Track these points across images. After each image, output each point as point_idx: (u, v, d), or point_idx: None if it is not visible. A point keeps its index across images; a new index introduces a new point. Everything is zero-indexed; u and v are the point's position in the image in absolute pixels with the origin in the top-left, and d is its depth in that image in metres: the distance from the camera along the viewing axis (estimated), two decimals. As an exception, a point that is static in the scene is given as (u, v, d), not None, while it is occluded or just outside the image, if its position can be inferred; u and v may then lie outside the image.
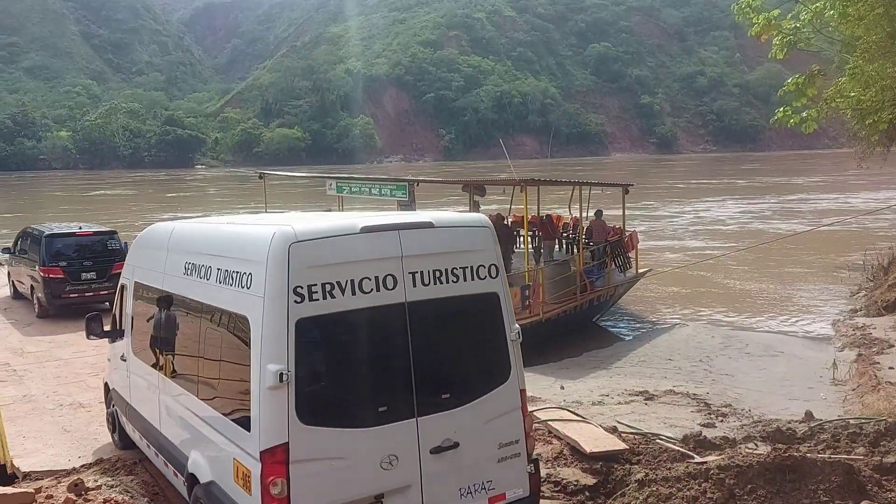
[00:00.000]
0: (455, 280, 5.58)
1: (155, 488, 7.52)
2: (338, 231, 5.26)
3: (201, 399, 5.98)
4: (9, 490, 5.95)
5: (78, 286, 16.16)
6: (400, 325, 5.31)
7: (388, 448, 5.20)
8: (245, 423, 5.13)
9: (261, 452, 4.89)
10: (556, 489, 7.53)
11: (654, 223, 38.57)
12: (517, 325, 5.94)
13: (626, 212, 20.75)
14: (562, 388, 12.02)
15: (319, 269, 5.04)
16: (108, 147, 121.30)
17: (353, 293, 5.13)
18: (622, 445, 8.23)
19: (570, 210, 21.64)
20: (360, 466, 5.11)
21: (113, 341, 8.60)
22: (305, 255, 5.00)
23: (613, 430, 8.81)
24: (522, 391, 5.92)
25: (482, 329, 5.88)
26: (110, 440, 9.08)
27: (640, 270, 20.02)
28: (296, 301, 4.93)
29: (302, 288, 4.95)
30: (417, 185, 19.56)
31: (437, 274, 5.49)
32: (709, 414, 10.38)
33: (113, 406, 8.91)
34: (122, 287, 8.35)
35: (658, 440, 8.64)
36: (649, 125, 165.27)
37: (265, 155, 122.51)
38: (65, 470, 8.21)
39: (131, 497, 7.23)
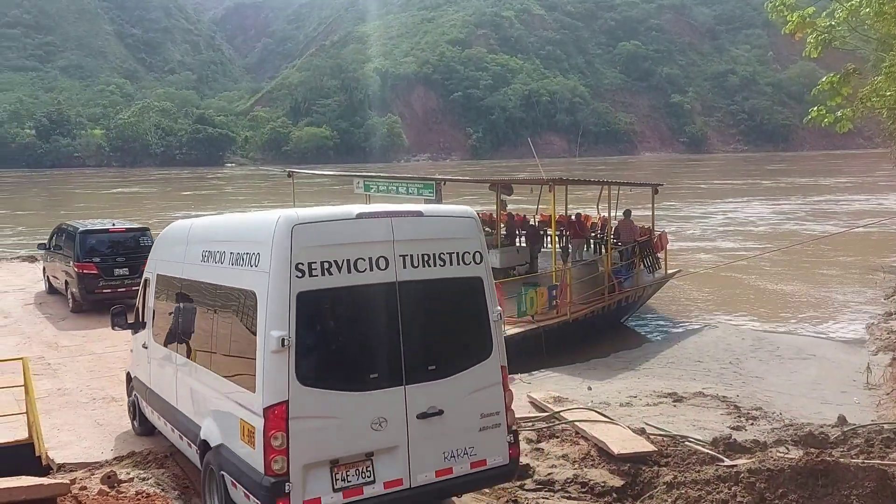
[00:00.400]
0: (442, 264, 6.16)
1: (185, 481, 7.62)
2: (336, 216, 5.92)
3: (213, 371, 6.58)
4: (45, 481, 6.07)
5: (111, 282, 16.38)
6: (391, 302, 5.90)
7: (378, 411, 5.75)
8: (251, 385, 5.70)
9: (264, 409, 5.46)
10: (583, 490, 7.50)
11: (684, 224, 38.18)
12: (499, 308, 6.52)
13: (655, 212, 20.56)
14: (589, 388, 11.96)
15: (319, 249, 5.66)
16: (140, 145, 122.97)
17: (349, 271, 5.74)
18: (650, 447, 8.17)
19: (598, 210, 21.52)
20: (352, 426, 5.68)
21: (136, 332, 9.11)
22: (306, 236, 5.62)
23: (641, 432, 8.75)
24: (503, 367, 6.43)
25: (466, 309, 6.43)
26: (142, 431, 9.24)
27: (669, 271, 19.84)
28: (297, 276, 5.55)
29: (303, 265, 5.57)
30: (444, 183, 19.58)
31: (426, 258, 6.07)
32: (739, 417, 10.27)
33: (134, 394, 9.36)
34: (146, 281, 8.86)
35: (687, 442, 8.57)
36: (679, 124, 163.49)
37: (294, 153, 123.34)
38: (98, 462, 8.36)
39: (162, 490, 7.33)
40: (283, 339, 5.45)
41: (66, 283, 17.13)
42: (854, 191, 56.30)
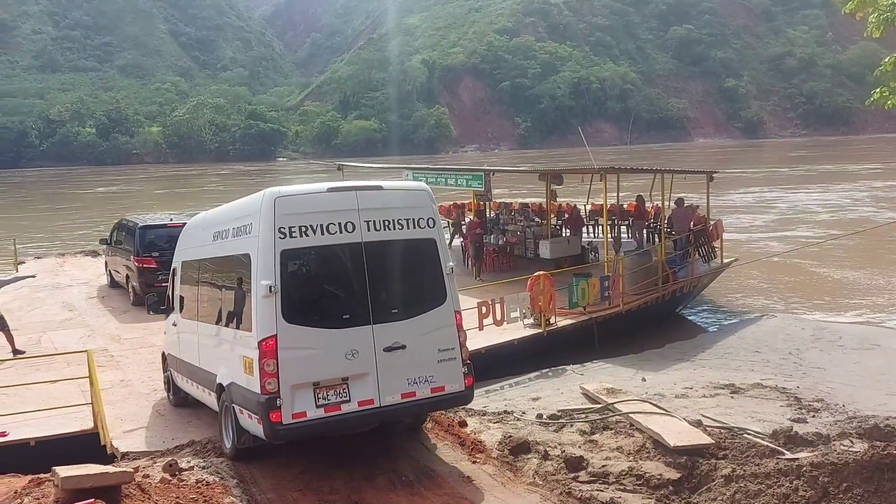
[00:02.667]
0: (400, 228, 7.47)
1: (242, 470, 7.78)
2: (311, 191, 7.49)
3: (223, 326, 8.06)
4: (110, 469, 6.28)
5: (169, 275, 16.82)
6: (358, 258, 7.26)
7: (350, 345, 7.08)
8: (249, 326, 7.16)
9: (258, 342, 6.90)
10: (639, 483, 7.41)
11: (740, 211, 37.29)
12: (452, 263, 7.76)
13: (710, 200, 20.12)
14: (643, 380, 11.79)
15: (297, 216, 7.10)
16: (195, 141, 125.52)
17: (322, 234, 7.15)
18: (707, 440, 8.01)
19: (650, 198, 21.16)
20: (329, 356, 7.02)
21: (167, 316, 10.53)
22: (286, 206, 7.10)
23: (698, 424, 8.59)
24: (457, 312, 7.70)
25: (422, 264, 7.69)
26: (201, 423, 9.49)
27: (725, 260, 19.40)
28: (280, 237, 7.01)
29: (284, 228, 7.03)
30: (493, 174, 19.50)
31: (386, 223, 7.41)
32: (799, 409, 10.00)
33: (168, 370, 10.54)
34: (174, 270, 10.29)
35: (745, 435, 8.38)
36: (734, 109, 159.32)
37: (343, 147, 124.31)
38: (159, 451, 8.59)
39: (221, 478, 7.50)
40: (270, 287, 6.90)
41: (127, 276, 17.61)
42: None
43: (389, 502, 7.00)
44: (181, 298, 9.82)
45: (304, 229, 7.07)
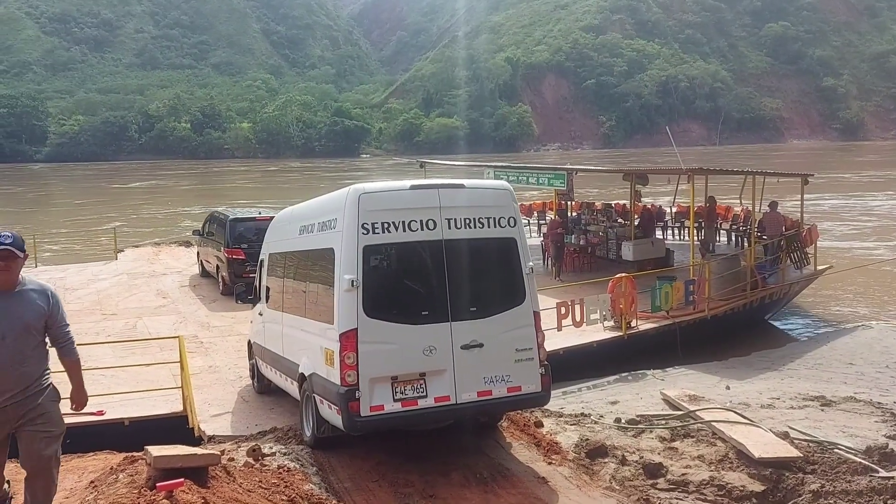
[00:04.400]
0: (481, 226, 7.47)
1: (321, 459, 7.96)
2: (394, 188, 7.51)
3: (307, 318, 8.17)
4: (199, 450, 6.52)
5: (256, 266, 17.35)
6: (438, 256, 7.28)
7: (429, 341, 7.12)
8: (331, 319, 7.27)
9: (339, 335, 7.04)
10: (720, 493, 7.19)
11: (836, 217, 35.64)
12: (531, 263, 7.68)
13: (805, 204, 19.31)
14: (727, 388, 11.43)
15: (380, 213, 7.18)
16: (283, 137, 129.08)
17: (404, 230, 7.21)
18: (795, 452, 7.70)
19: (741, 201, 20.48)
20: (408, 351, 7.09)
21: (254, 305, 10.84)
22: (370, 203, 7.18)
23: (785, 436, 8.27)
24: (536, 313, 7.63)
25: (502, 263, 7.67)
26: (284, 410, 9.78)
27: (819, 267, 18.59)
28: (363, 233, 7.10)
29: (367, 225, 7.12)
30: (576, 173, 19.28)
31: (467, 221, 7.41)
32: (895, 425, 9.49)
33: (253, 358, 10.86)
34: (261, 262, 10.58)
35: (836, 450, 8.01)
36: (832, 110, 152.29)
37: (425, 144, 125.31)
38: (243, 436, 8.89)
39: (301, 465, 7.69)
40: (352, 281, 7.02)
41: (217, 267, 18.28)
42: None
43: (463, 498, 7.02)
44: (267, 289, 10.09)
45: (386, 226, 7.16)
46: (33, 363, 5.08)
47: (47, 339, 5.25)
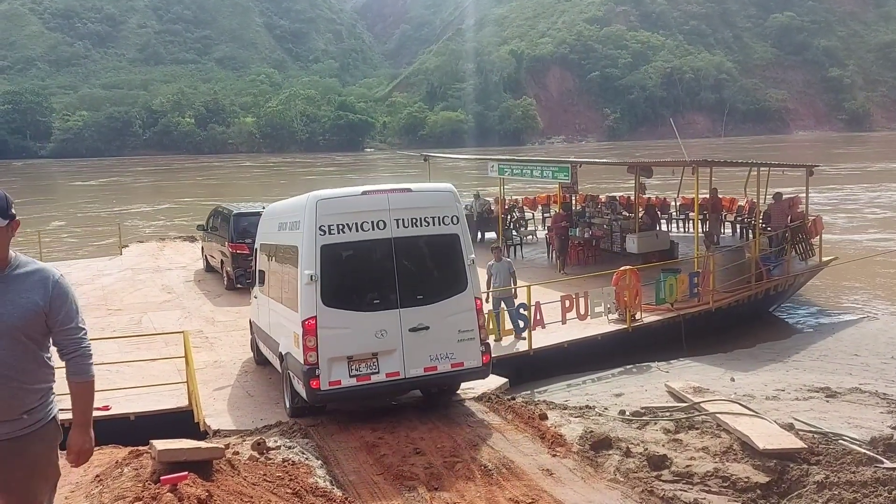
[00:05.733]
0: (427, 225, 8.49)
1: (326, 452, 7.99)
2: (348, 194, 8.55)
3: (283, 304, 9.22)
4: (204, 444, 6.56)
5: None
6: (388, 251, 8.38)
7: (380, 325, 8.25)
8: (296, 307, 8.38)
9: (302, 322, 8.18)
10: (725, 485, 7.19)
11: (842, 208, 35.51)
12: (473, 255, 8.70)
13: (810, 195, 19.22)
14: (732, 380, 11.42)
15: (335, 216, 8.26)
16: (287, 132, 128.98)
17: (357, 230, 8.29)
18: (799, 444, 7.69)
19: (745, 193, 20.40)
20: (361, 334, 8.21)
21: (251, 288, 11.93)
22: (326, 208, 8.29)
23: (790, 428, 8.26)
24: (477, 298, 8.70)
25: (445, 256, 8.71)
26: (289, 405, 9.80)
27: (824, 258, 18.53)
28: (321, 234, 8.20)
29: (324, 227, 8.22)
30: (580, 166, 19.23)
31: (414, 220, 8.43)
32: (901, 416, 9.46)
33: (252, 334, 11.92)
34: (255, 251, 11.67)
35: (841, 441, 8.00)
36: (837, 100, 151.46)
37: (429, 138, 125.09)
38: (248, 430, 8.92)
39: (306, 459, 7.72)
40: (311, 276, 8.12)
41: (222, 261, 18.29)
42: None
43: (468, 490, 7.04)
44: (261, 273, 11.04)
45: (341, 227, 8.24)
46: (24, 384, 3.52)
47: (51, 347, 3.68)
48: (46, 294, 3.52)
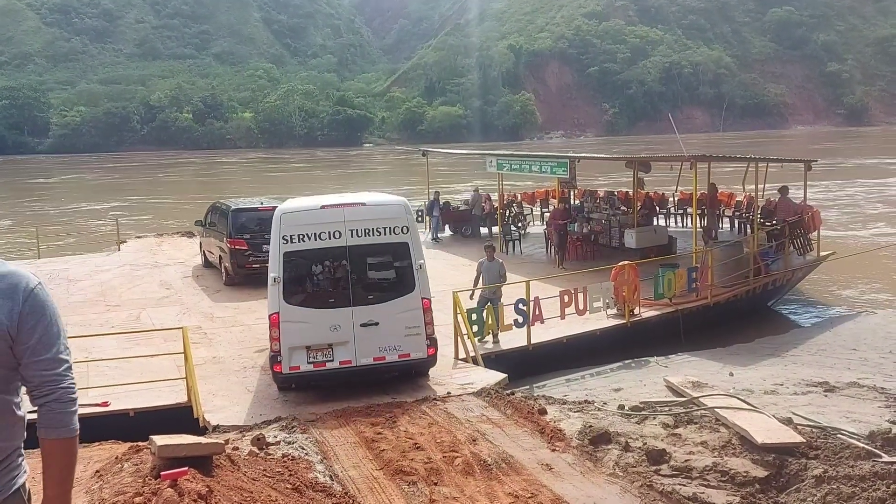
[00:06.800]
0: (378, 234, 9.64)
1: (325, 447, 8.00)
2: (309, 207, 9.83)
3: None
4: (203, 440, 6.56)
5: (259, 257, 17.00)
6: (343, 258, 9.60)
7: (334, 321, 9.46)
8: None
9: (269, 316, 9.55)
10: (723, 479, 7.21)
11: (841, 203, 35.53)
12: (422, 260, 9.75)
13: (807, 190, 19.22)
14: (731, 374, 11.46)
15: (297, 227, 9.52)
16: (285, 127, 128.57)
17: (316, 240, 9.51)
18: (798, 438, 7.72)
19: (743, 188, 20.42)
20: (318, 328, 9.43)
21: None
22: (289, 220, 9.61)
23: (788, 422, 8.28)
24: (424, 299, 9.67)
25: (395, 262, 9.88)
26: (288, 399, 9.85)
27: (822, 253, 18.54)
28: (283, 243, 9.49)
29: (287, 236, 9.50)
30: (578, 161, 19.22)
31: (367, 230, 9.59)
32: (899, 411, 9.48)
33: None
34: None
35: (839, 435, 8.02)
36: (836, 95, 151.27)
37: (428, 133, 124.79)
38: (248, 426, 8.94)
39: (305, 454, 7.74)
40: (275, 278, 9.43)
41: (220, 257, 18.26)
42: None
43: (467, 485, 7.06)
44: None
45: (301, 236, 9.49)
46: None
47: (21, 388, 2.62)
48: (14, 308, 2.49)
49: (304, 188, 45.80)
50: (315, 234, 9.47)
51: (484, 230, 23.75)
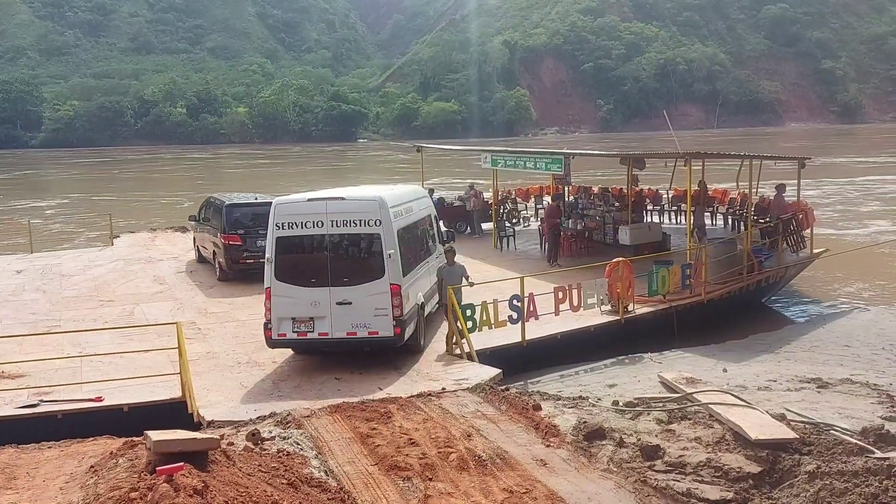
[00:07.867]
0: (354, 225, 11.04)
1: (320, 443, 8.00)
2: (298, 200, 11.49)
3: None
4: (198, 435, 6.56)
5: (253, 252, 16.88)
6: (323, 244, 11.11)
7: (315, 298, 10.89)
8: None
9: (265, 289, 11.01)
10: (717, 475, 7.25)
11: (834, 200, 35.65)
12: (392, 251, 10.91)
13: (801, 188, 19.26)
14: (724, 371, 11.50)
15: (287, 216, 11.07)
16: (280, 122, 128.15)
17: (302, 228, 11.04)
18: (791, 434, 7.76)
19: (737, 185, 20.47)
20: (302, 303, 10.90)
21: None
22: (282, 209, 11.15)
23: (781, 418, 8.32)
24: (392, 284, 10.87)
25: (368, 250, 11.19)
26: (282, 394, 9.85)
27: (815, 250, 18.61)
28: (276, 229, 11.04)
29: (279, 224, 11.05)
30: (573, 157, 19.23)
31: (345, 221, 11.02)
32: (892, 406, 9.55)
33: None
34: None
35: (832, 431, 8.07)
36: (830, 92, 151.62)
37: (422, 128, 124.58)
38: (243, 421, 8.92)
39: (300, 449, 7.74)
40: (268, 258, 10.98)
41: (214, 252, 18.21)
42: None
43: (462, 480, 7.07)
44: None
45: (291, 224, 11.00)
46: None
47: None
48: None
49: (297, 183, 45.71)
50: (301, 222, 10.98)
51: (486, 226, 23.51)
